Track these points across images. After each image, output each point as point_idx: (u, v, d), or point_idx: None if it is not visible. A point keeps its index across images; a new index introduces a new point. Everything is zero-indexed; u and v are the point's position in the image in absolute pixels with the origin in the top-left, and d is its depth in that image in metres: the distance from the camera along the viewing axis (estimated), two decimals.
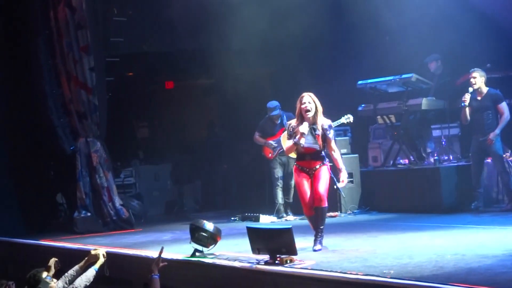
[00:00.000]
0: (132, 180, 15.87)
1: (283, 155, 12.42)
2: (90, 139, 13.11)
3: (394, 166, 12.59)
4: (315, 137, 8.54)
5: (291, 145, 8.64)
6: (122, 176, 15.58)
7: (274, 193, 12.57)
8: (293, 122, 8.70)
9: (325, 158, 8.67)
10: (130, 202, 14.34)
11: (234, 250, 8.90)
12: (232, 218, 12.97)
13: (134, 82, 17.01)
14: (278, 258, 7.61)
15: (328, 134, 8.56)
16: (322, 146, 8.58)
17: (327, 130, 8.56)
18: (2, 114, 13.72)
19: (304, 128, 8.48)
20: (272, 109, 12.44)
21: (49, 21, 13.30)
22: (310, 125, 8.53)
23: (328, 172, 8.61)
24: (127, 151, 16.59)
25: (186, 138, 17.09)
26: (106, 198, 13.01)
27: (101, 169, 13.06)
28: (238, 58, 13.94)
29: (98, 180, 13.02)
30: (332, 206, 10.96)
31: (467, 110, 11.15)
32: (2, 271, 11.57)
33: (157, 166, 16.57)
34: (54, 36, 13.26)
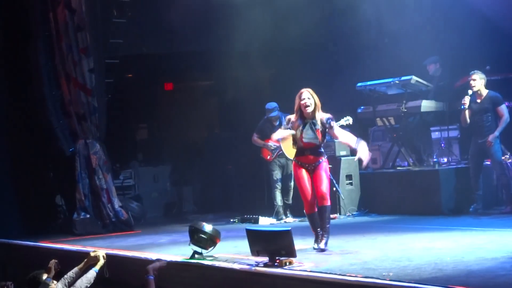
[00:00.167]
0: (131, 181, 15.88)
1: (282, 157, 12.43)
2: (90, 141, 13.12)
3: (394, 168, 12.59)
4: (315, 131, 8.57)
5: (283, 134, 8.75)
6: (121, 177, 15.60)
7: (273, 195, 12.57)
8: (292, 117, 8.73)
9: (324, 154, 8.74)
10: (129, 204, 14.34)
11: (233, 252, 8.89)
12: (231, 220, 12.97)
13: (134, 84, 17.01)
14: (277, 260, 7.60)
15: (328, 126, 8.58)
16: (322, 140, 8.61)
17: (327, 123, 8.58)
18: (1, 115, 13.70)
19: (280, 134, 8.71)
20: (270, 110, 12.45)
21: (48, 22, 13.29)
22: (310, 120, 8.57)
23: (328, 168, 8.69)
24: (127, 153, 16.57)
25: (186, 139, 17.07)
26: (105, 200, 13.02)
27: (100, 170, 13.07)
28: (237, 59, 13.95)
29: (97, 181, 13.02)
30: (331, 208, 10.92)
31: (467, 112, 11.15)
32: (1, 273, 11.58)
33: (156, 167, 16.57)
34: (54, 37, 13.26)
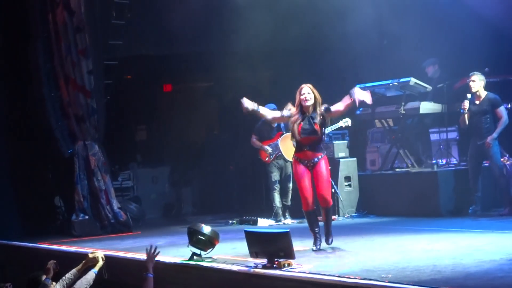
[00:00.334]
0: (130, 183, 15.88)
1: (280, 159, 12.43)
2: (88, 142, 13.10)
3: (392, 170, 12.59)
4: (313, 125, 8.57)
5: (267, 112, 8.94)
6: (120, 179, 15.59)
7: (272, 196, 12.55)
8: (292, 109, 8.76)
9: (323, 150, 8.78)
10: (128, 205, 14.32)
11: (232, 254, 8.90)
12: (230, 222, 12.97)
13: (133, 85, 17.00)
14: (276, 262, 7.60)
15: (327, 112, 8.61)
16: (320, 133, 8.63)
17: (325, 111, 8.62)
18: (0, 116, 13.70)
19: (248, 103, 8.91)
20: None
21: (47, 24, 13.29)
22: (309, 114, 8.60)
23: (328, 168, 8.74)
24: (125, 154, 16.56)
25: (185, 141, 17.06)
26: (104, 201, 13.01)
27: (99, 172, 13.06)
28: (237, 61, 13.95)
29: (96, 183, 13.02)
30: None
31: (466, 115, 11.15)
32: (0, 274, 11.57)
33: (155, 169, 16.56)
34: (53, 39, 13.25)
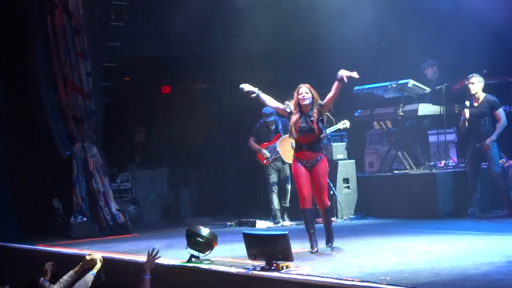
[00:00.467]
0: (128, 185, 15.87)
1: (278, 161, 12.43)
2: (87, 144, 13.10)
3: (391, 171, 12.59)
4: (310, 123, 8.58)
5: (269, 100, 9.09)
6: (118, 181, 15.57)
7: (270, 198, 12.54)
8: (291, 105, 8.82)
9: (322, 150, 8.83)
10: (126, 207, 14.32)
11: (230, 256, 8.90)
12: (228, 224, 12.97)
13: (131, 87, 17.01)
14: (274, 264, 7.60)
15: (320, 105, 8.66)
16: (318, 132, 8.64)
17: (319, 106, 8.67)
18: None
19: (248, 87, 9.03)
20: (268, 115, 12.38)
21: (46, 26, 13.27)
22: (306, 113, 8.64)
23: (327, 170, 8.79)
24: (124, 156, 16.56)
25: (183, 143, 17.06)
26: (102, 203, 13.00)
27: (97, 174, 13.06)
28: (236, 63, 13.94)
29: (95, 185, 13.01)
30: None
31: (466, 120, 11.16)
32: None
33: (153, 170, 16.55)
34: (51, 41, 13.24)
